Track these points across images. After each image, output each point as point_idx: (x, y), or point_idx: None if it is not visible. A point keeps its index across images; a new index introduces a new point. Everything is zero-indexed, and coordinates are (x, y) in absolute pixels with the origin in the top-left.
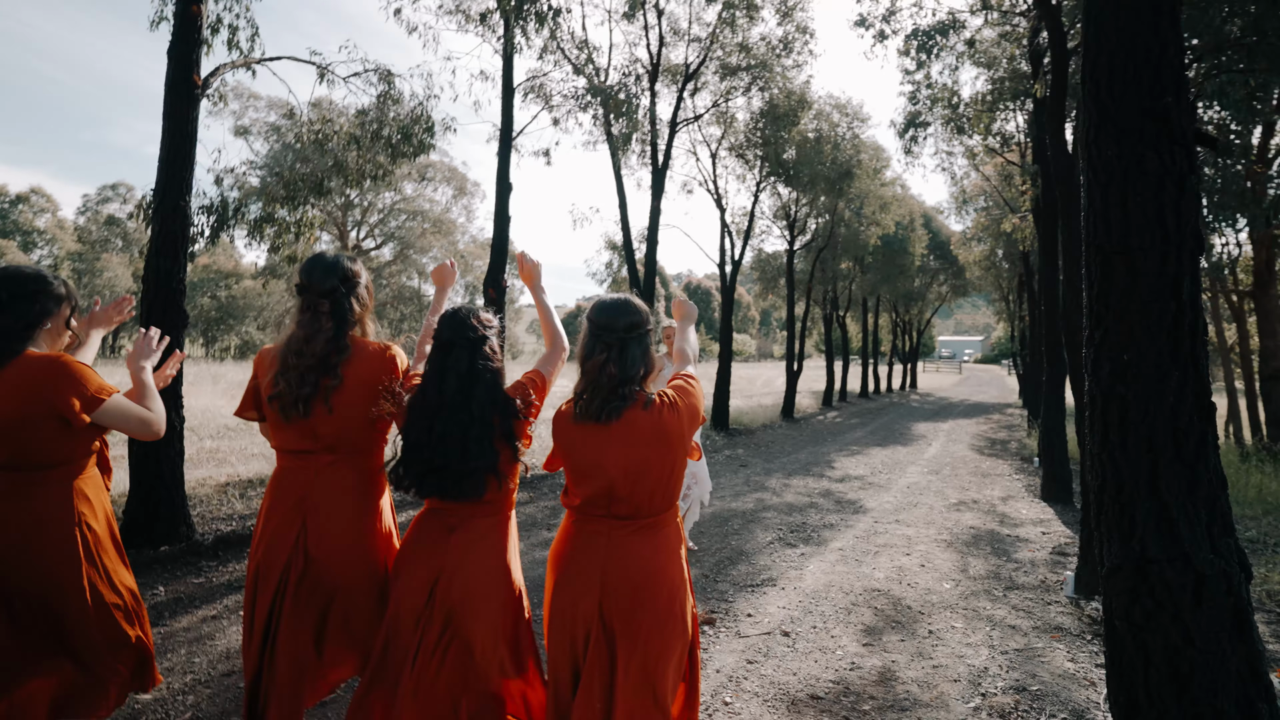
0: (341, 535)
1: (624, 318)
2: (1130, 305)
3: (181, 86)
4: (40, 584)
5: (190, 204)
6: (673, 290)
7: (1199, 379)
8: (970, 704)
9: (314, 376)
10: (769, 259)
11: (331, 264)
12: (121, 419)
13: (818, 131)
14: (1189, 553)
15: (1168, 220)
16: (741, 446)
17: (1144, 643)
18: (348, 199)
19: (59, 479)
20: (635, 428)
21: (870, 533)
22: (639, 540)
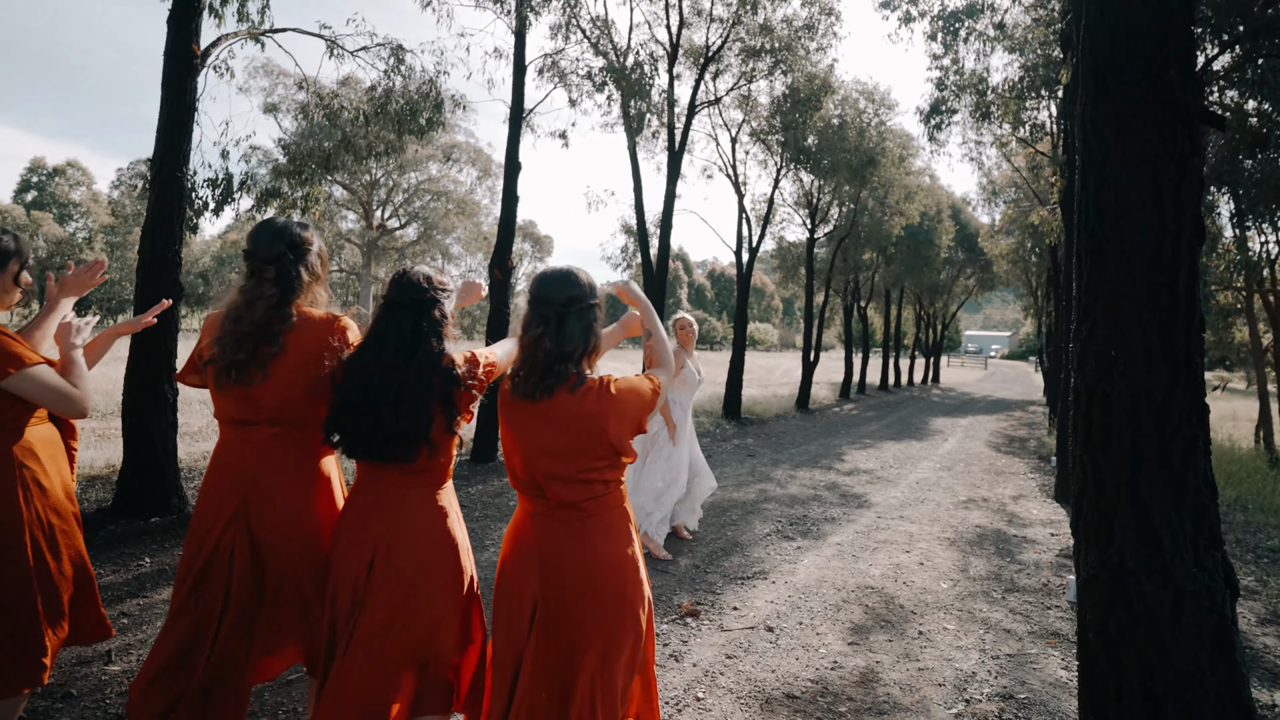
0: (287, 513)
1: (563, 290)
2: (1120, 297)
3: (181, 55)
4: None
5: (187, 175)
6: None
7: (1192, 378)
8: (952, 710)
9: (251, 343)
10: (790, 247)
11: (279, 230)
12: (38, 391)
13: (841, 117)
14: (1170, 566)
15: (1165, 205)
16: (752, 436)
17: (1117, 659)
18: (373, 179)
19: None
20: (562, 410)
21: (872, 528)
22: (579, 527)
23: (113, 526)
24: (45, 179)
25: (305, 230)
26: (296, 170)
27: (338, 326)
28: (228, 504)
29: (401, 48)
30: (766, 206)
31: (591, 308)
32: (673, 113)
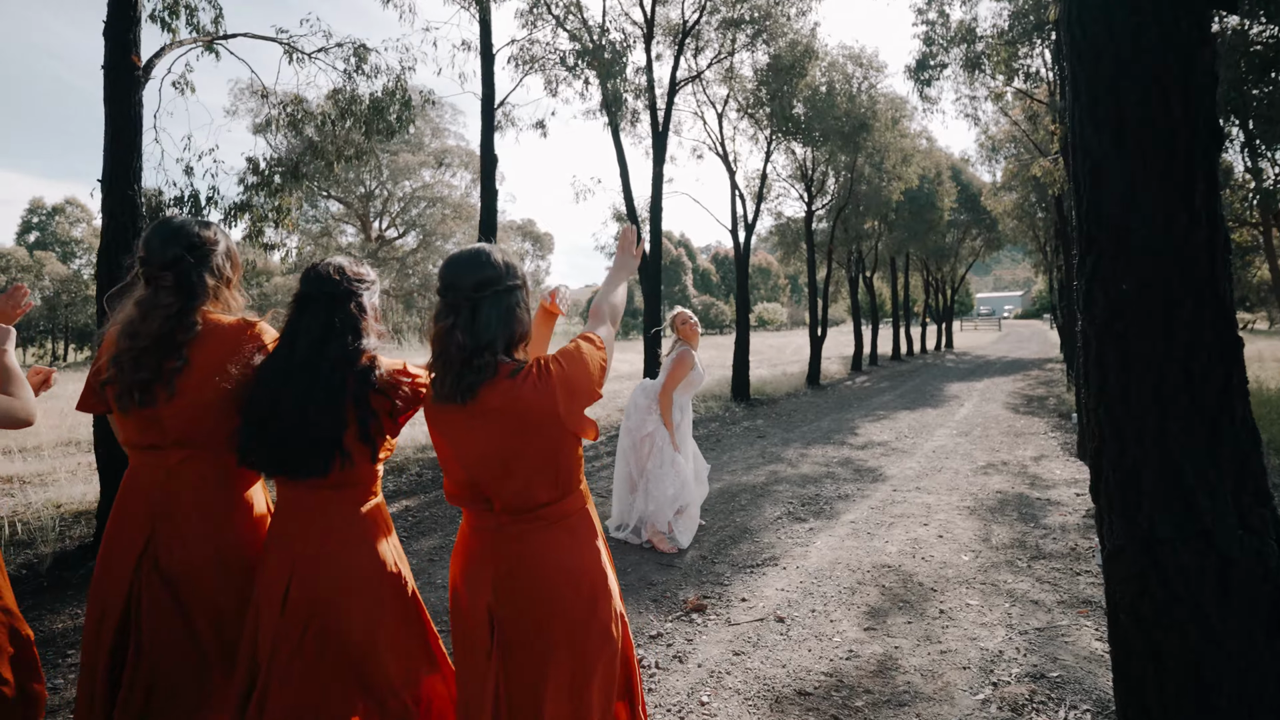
0: (201, 545)
1: (473, 273)
2: (1127, 218)
3: (120, 68)
4: None
5: (140, 193)
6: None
7: (1220, 309)
8: (978, 695)
9: (152, 359)
10: (789, 223)
11: (174, 230)
12: None
13: (829, 83)
14: (1210, 530)
15: (1173, 108)
16: (762, 417)
17: (1155, 644)
18: (368, 190)
19: None
20: (498, 406)
21: (887, 502)
22: (532, 538)
23: (92, 562)
24: (45, 218)
25: (208, 229)
26: (264, 182)
27: (251, 333)
28: (133, 545)
29: (364, 46)
30: (760, 182)
31: (511, 290)
32: (654, 93)
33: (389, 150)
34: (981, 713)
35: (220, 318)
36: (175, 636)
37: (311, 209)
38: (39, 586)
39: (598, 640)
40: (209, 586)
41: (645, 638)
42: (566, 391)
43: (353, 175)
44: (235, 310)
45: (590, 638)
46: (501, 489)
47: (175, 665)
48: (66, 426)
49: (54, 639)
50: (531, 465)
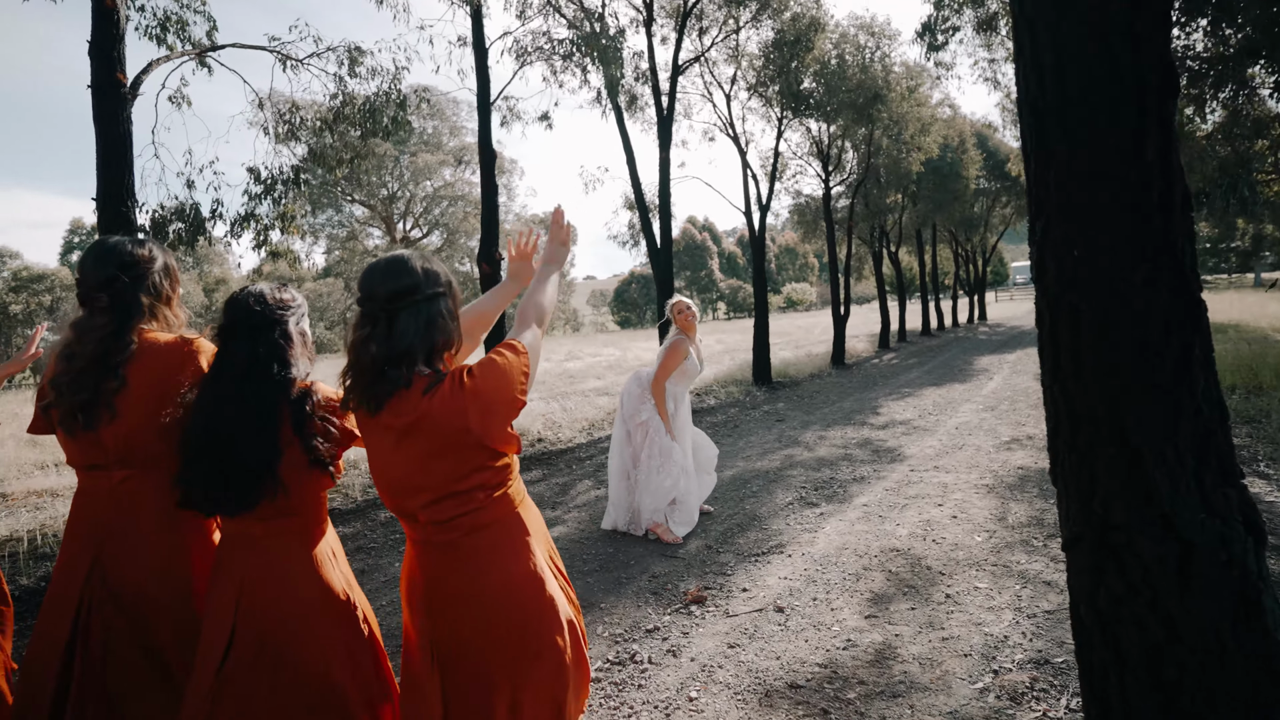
0: (149, 561)
1: (387, 283)
2: (1073, 177)
3: (106, 86)
4: None
5: (133, 209)
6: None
7: (1176, 272)
8: (977, 684)
9: (90, 380)
10: (807, 201)
11: (107, 251)
12: None
13: (839, 55)
14: (1169, 514)
15: (1117, 50)
16: (783, 400)
17: (1115, 638)
18: (390, 193)
19: None
20: (410, 418)
21: (903, 483)
22: (461, 550)
23: None
24: (85, 238)
25: (141, 247)
26: (267, 191)
27: (188, 350)
28: (80, 564)
29: (358, 48)
30: (773, 161)
31: (432, 298)
32: (656, 78)
33: (408, 151)
34: (978, 703)
35: (158, 336)
36: (132, 655)
37: (337, 214)
38: None
39: (541, 650)
40: (162, 602)
41: (641, 632)
42: (480, 406)
43: (374, 179)
44: (176, 327)
45: (526, 647)
46: (414, 502)
47: (134, 684)
48: None
49: None
50: (443, 480)
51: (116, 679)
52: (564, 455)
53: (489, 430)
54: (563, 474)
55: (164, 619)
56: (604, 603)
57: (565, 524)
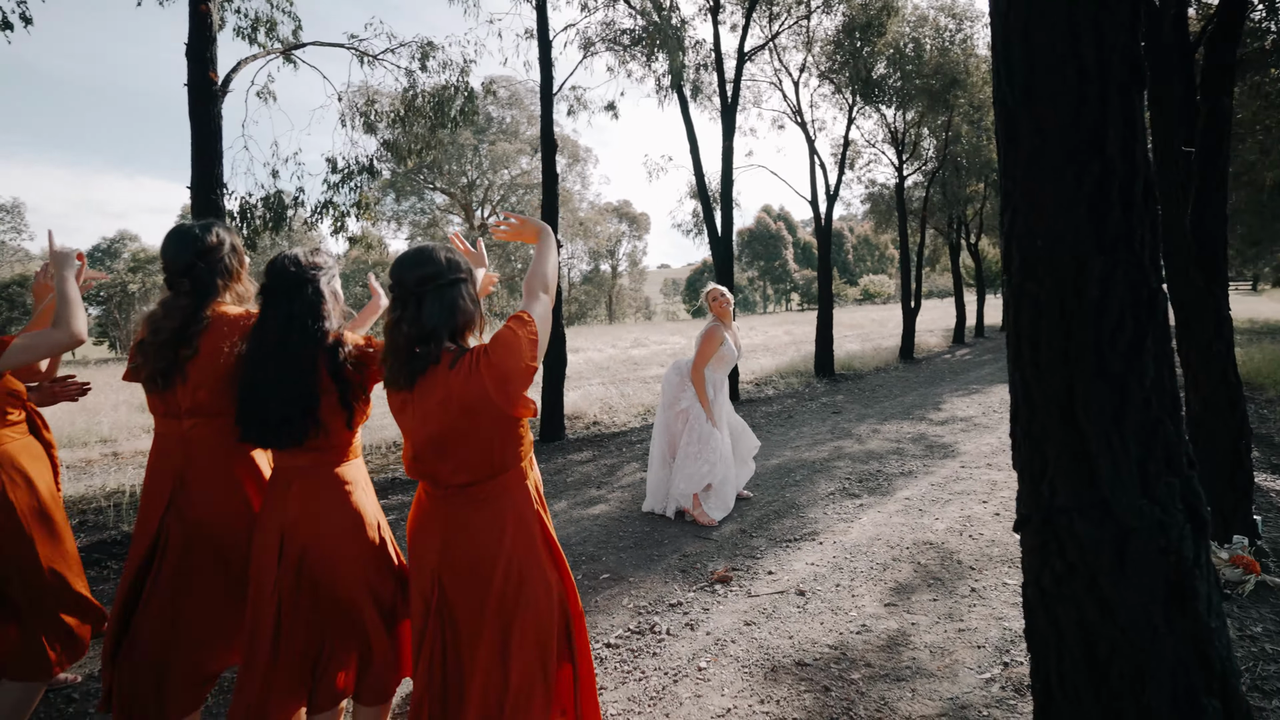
0: (214, 495)
1: (415, 270)
2: (1037, 169)
3: (200, 85)
4: None
5: (222, 197)
6: (802, 236)
7: (1135, 265)
8: (985, 674)
9: (169, 350)
10: (881, 190)
11: (184, 240)
12: (26, 353)
13: (916, 38)
14: (1108, 499)
15: (1084, 48)
16: (842, 393)
17: (1055, 616)
18: (470, 180)
19: None
20: (435, 393)
21: (950, 479)
22: (470, 511)
23: None
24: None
25: (209, 233)
26: (345, 180)
27: (252, 320)
28: (160, 496)
29: (430, 44)
30: (843, 149)
31: (453, 284)
32: (722, 66)
33: (487, 140)
34: (982, 691)
35: (228, 309)
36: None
37: (419, 201)
38: None
39: (527, 609)
40: (227, 530)
41: (665, 606)
42: (496, 378)
43: (455, 166)
44: (245, 299)
45: (519, 607)
46: (441, 466)
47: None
48: None
49: None
50: (467, 446)
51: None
52: (615, 438)
53: (507, 397)
54: (612, 456)
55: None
56: (633, 576)
57: (608, 503)
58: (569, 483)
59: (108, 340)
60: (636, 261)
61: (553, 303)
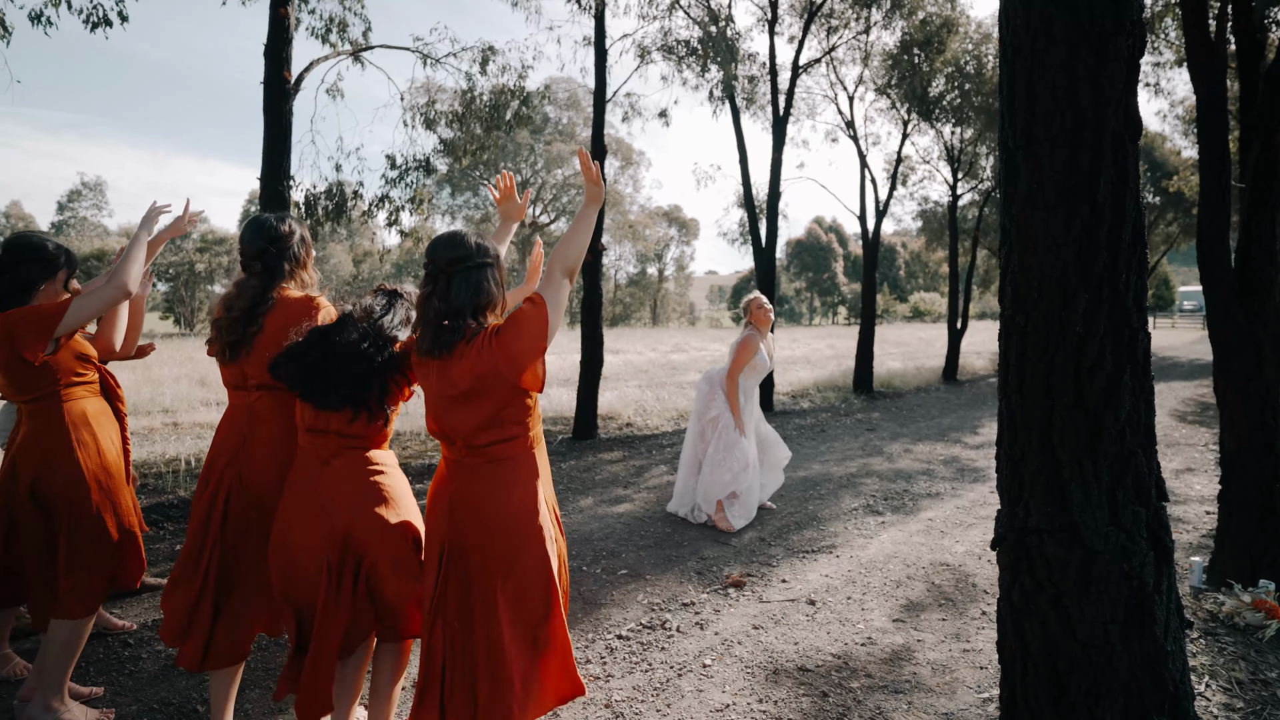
0: (268, 461)
1: (446, 252)
2: (1032, 211)
3: (275, 83)
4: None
5: (288, 188)
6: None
7: (1117, 304)
8: (984, 694)
9: (240, 326)
10: (934, 207)
11: (260, 227)
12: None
13: (976, 56)
14: (1078, 523)
15: (1082, 99)
16: (879, 410)
17: (1022, 630)
18: (523, 179)
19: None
20: (458, 364)
21: (977, 503)
22: (483, 473)
23: None
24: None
25: (283, 223)
26: (401, 176)
27: (312, 305)
28: (223, 457)
29: (491, 49)
30: (895, 164)
31: (480, 267)
32: (776, 78)
33: (544, 139)
34: (978, 710)
35: (292, 293)
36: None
37: (474, 197)
38: None
39: (528, 567)
40: (271, 497)
41: (678, 605)
42: (506, 356)
43: (510, 165)
44: (309, 286)
45: (520, 564)
46: (456, 428)
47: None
48: None
49: None
50: (479, 411)
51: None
52: (646, 440)
53: (516, 371)
54: (641, 457)
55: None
56: (649, 574)
57: (632, 502)
58: (597, 480)
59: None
60: (684, 266)
61: (572, 284)
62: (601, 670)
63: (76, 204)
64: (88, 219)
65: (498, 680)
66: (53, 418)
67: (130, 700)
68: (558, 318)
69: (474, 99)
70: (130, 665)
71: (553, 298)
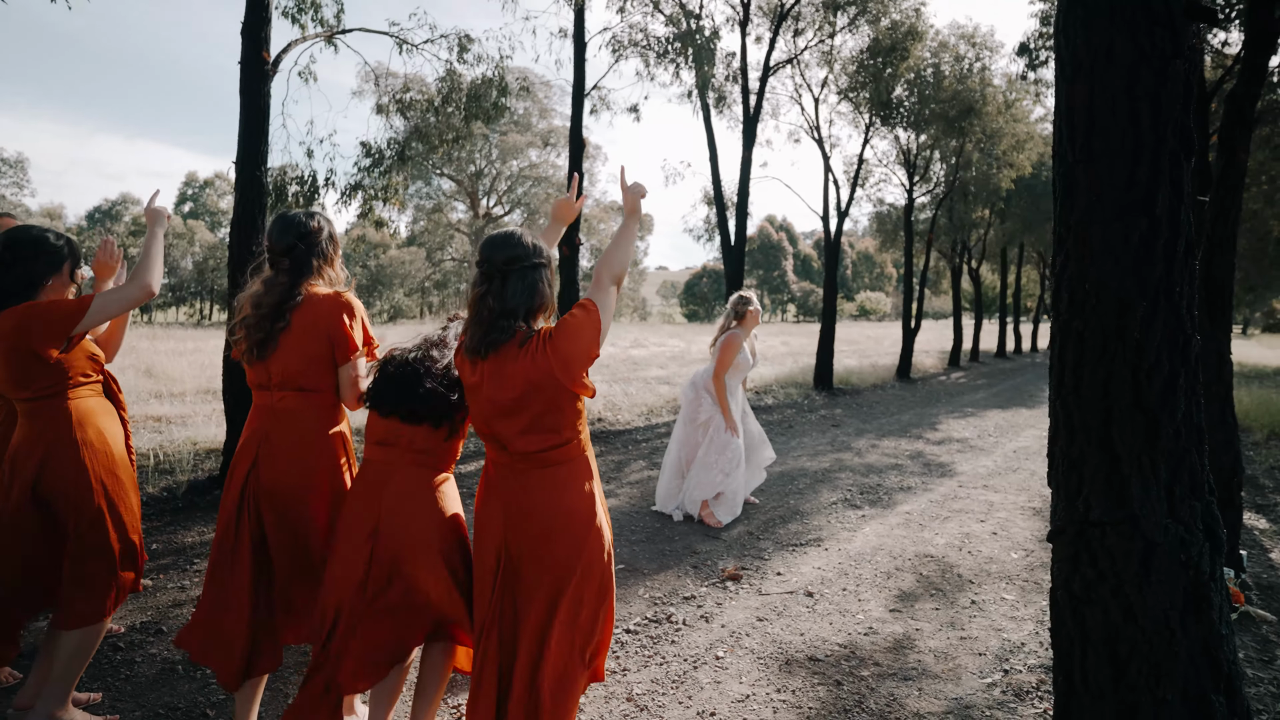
0: (289, 463)
1: (503, 251)
2: (1091, 223)
3: (253, 63)
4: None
5: (265, 174)
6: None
7: (1172, 311)
8: (986, 679)
9: (268, 324)
10: (889, 210)
11: (288, 224)
12: (104, 311)
13: (936, 64)
14: (1138, 516)
15: (1142, 117)
16: (841, 407)
17: (1082, 617)
18: (478, 169)
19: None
20: (509, 366)
21: (948, 497)
22: (537, 476)
23: (218, 491)
24: (198, 191)
25: (312, 220)
26: (376, 163)
27: (340, 301)
28: (245, 459)
29: (468, 37)
30: (857, 167)
31: (535, 267)
32: (746, 78)
33: (499, 130)
34: (984, 695)
35: (319, 290)
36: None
37: (426, 186)
38: (175, 508)
39: (590, 567)
40: (293, 499)
41: (679, 598)
42: (560, 358)
43: (464, 154)
44: (335, 283)
45: (575, 565)
46: (508, 433)
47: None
48: (206, 377)
49: (184, 550)
50: (532, 416)
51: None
52: (621, 436)
53: (569, 376)
54: (619, 453)
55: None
56: (646, 569)
57: (617, 497)
58: (610, 476)
59: None
60: (637, 262)
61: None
62: (616, 664)
63: None
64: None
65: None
66: (55, 416)
67: (132, 705)
68: (608, 323)
69: (454, 87)
70: (125, 669)
71: (604, 304)
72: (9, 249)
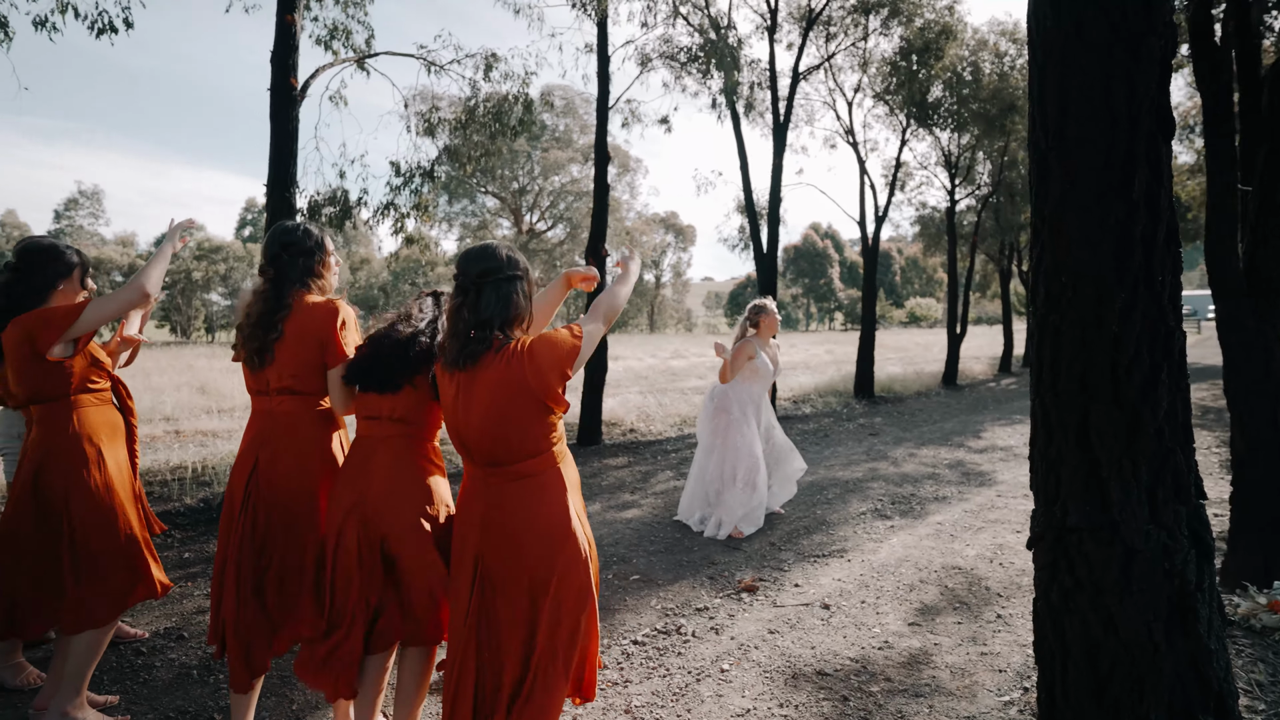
0: (286, 466)
1: (478, 264)
2: (1066, 211)
3: (281, 90)
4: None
5: (295, 195)
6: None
7: (1154, 302)
8: (1004, 698)
9: (260, 333)
10: (931, 213)
11: (274, 234)
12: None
13: (974, 63)
14: (1118, 522)
15: (1116, 99)
16: (881, 415)
17: (1062, 629)
18: (520, 186)
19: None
20: (484, 373)
21: (985, 507)
22: (513, 488)
23: None
24: (257, 216)
25: (297, 229)
26: (406, 183)
27: (331, 309)
28: (246, 464)
29: (494, 55)
30: (894, 171)
31: (511, 279)
32: (776, 84)
33: (540, 147)
34: (999, 714)
35: (312, 299)
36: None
37: (470, 204)
38: (209, 518)
39: (564, 574)
40: (293, 501)
41: (691, 609)
42: (534, 368)
43: (507, 172)
44: (329, 291)
45: (557, 569)
46: (481, 444)
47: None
48: None
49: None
50: (505, 426)
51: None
52: (651, 446)
53: (542, 384)
54: (647, 463)
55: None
56: (661, 579)
57: (640, 507)
58: (604, 486)
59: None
60: (680, 273)
61: (607, 330)
62: (619, 676)
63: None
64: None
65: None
66: (61, 422)
67: (146, 709)
68: (589, 352)
69: (478, 106)
70: (144, 673)
71: (591, 333)
72: (21, 258)
